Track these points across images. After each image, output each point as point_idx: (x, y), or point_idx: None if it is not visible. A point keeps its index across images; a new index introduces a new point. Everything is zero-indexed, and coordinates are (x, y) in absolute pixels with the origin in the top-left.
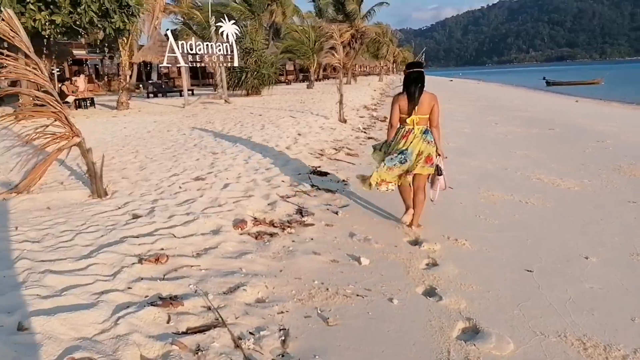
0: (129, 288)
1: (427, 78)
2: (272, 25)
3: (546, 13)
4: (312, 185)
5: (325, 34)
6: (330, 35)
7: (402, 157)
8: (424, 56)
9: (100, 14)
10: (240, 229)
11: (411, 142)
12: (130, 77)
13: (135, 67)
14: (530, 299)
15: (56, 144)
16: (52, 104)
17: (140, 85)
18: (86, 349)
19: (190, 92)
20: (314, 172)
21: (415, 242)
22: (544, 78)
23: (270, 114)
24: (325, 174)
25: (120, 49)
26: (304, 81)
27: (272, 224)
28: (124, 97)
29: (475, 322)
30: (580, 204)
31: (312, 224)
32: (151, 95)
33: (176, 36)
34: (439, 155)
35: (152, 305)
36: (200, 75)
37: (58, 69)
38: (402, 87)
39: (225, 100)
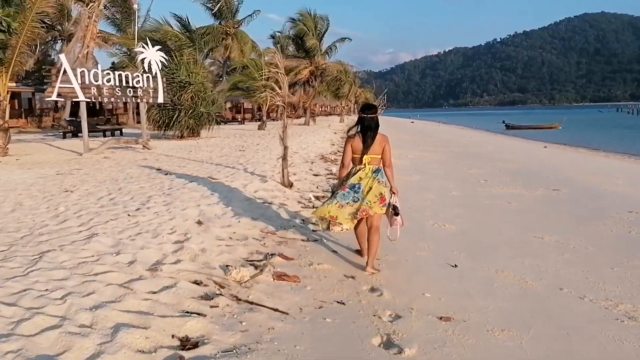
0: None
1: (388, 119)
2: (226, 60)
3: (499, 60)
4: None
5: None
6: (272, 63)
7: (355, 195)
8: (385, 97)
9: None
10: None
11: (361, 179)
12: (63, 111)
13: (67, 102)
14: None
15: None
16: None
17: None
18: None
19: (118, 132)
20: None
21: None
22: (503, 121)
23: (186, 169)
24: None
25: None
26: (260, 120)
27: None
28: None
29: None
30: None
31: None
32: (69, 135)
33: (116, 68)
34: (394, 193)
35: None
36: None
37: None
38: (356, 126)
39: (144, 146)
